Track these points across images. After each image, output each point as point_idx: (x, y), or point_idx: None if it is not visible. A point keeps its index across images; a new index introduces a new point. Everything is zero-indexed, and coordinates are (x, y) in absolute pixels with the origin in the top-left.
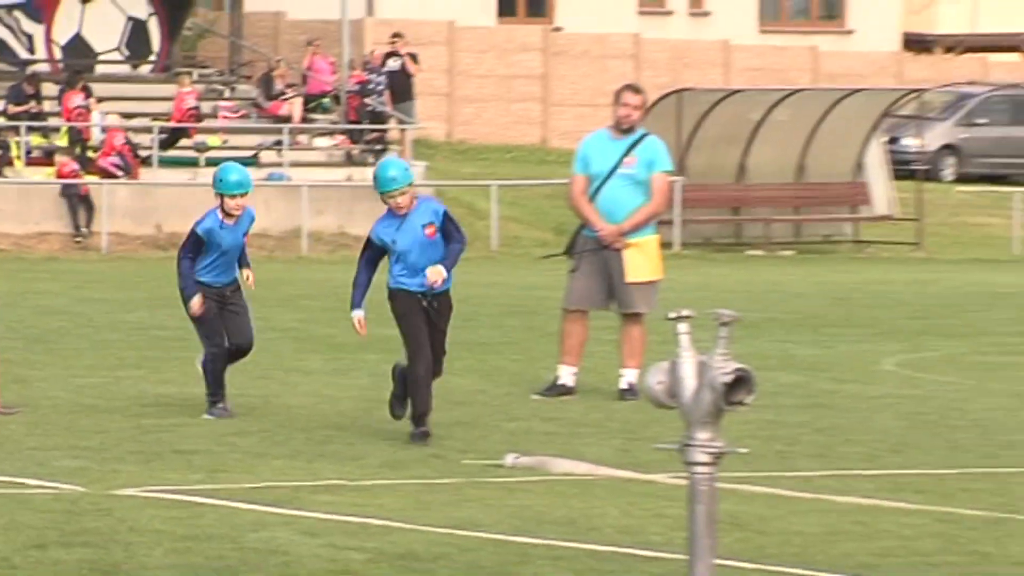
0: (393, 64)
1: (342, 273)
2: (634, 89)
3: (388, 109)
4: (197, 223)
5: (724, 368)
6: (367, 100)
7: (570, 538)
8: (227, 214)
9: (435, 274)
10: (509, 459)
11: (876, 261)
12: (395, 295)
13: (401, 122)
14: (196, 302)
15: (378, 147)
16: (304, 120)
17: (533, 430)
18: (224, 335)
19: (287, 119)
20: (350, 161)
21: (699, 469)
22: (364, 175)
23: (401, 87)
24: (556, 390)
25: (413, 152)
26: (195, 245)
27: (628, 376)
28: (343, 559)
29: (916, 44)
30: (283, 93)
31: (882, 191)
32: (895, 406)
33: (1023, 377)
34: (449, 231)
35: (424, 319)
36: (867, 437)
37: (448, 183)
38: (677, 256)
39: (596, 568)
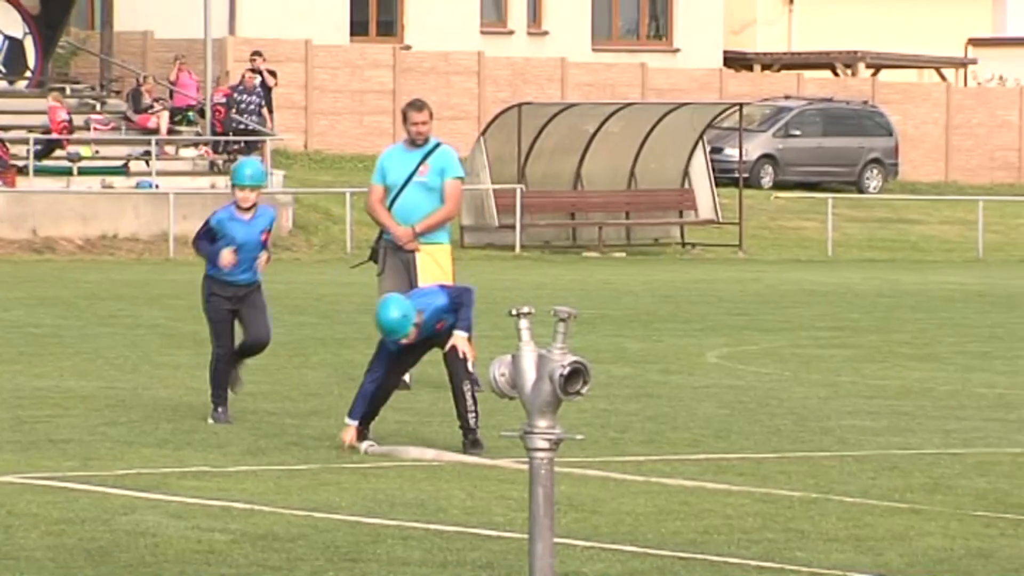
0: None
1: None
2: (417, 107)
3: (266, 128)
4: (213, 213)
5: (562, 361)
6: (238, 117)
7: (419, 519)
8: (239, 207)
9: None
10: (364, 446)
11: (701, 262)
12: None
13: (261, 134)
14: (226, 252)
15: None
16: (170, 132)
17: (385, 419)
18: (232, 339)
19: (155, 131)
20: (214, 170)
21: (539, 454)
22: (227, 183)
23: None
24: None
25: (272, 162)
26: (207, 233)
27: None
28: (208, 540)
29: (736, 61)
30: (151, 107)
31: (706, 197)
32: (718, 395)
33: (836, 368)
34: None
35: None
36: (693, 424)
37: (305, 191)
38: (518, 258)
39: (443, 547)
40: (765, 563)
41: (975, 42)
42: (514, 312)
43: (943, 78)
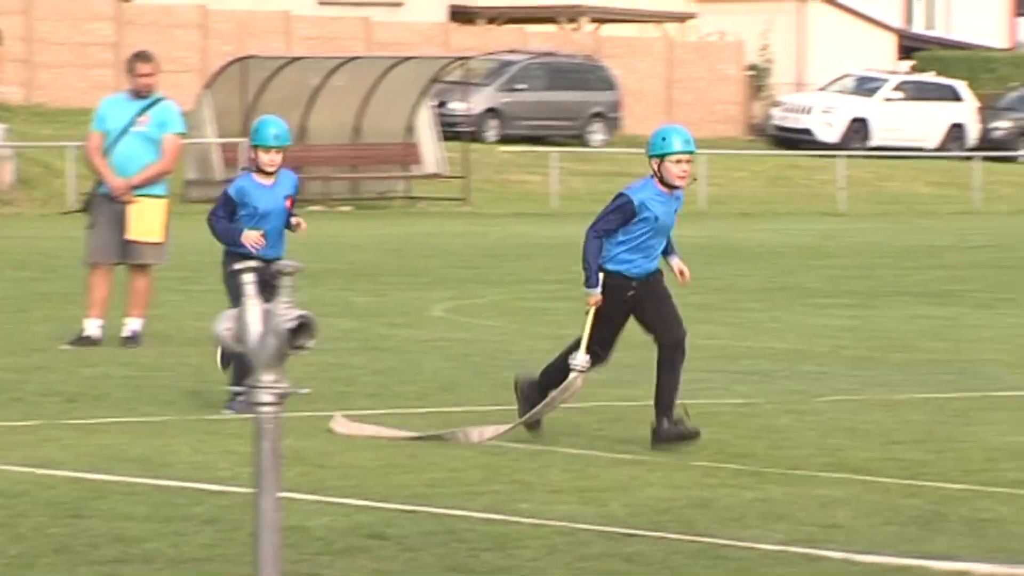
0: None
1: None
2: (144, 58)
3: None
4: (229, 185)
5: (287, 315)
6: None
7: (144, 474)
8: (261, 171)
9: None
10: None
11: (427, 216)
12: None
13: None
14: (250, 234)
15: None
16: None
17: (111, 375)
18: None
19: None
20: None
21: (264, 408)
22: None
23: None
24: (82, 342)
25: None
26: (225, 207)
27: (131, 324)
28: None
29: (461, 15)
30: None
31: (432, 151)
32: (445, 349)
33: (561, 321)
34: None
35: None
36: (420, 378)
37: (27, 144)
38: None
39: (168, 502)
40: (490, 515)
41: None
42: (237, 267)
43: (665, 33)
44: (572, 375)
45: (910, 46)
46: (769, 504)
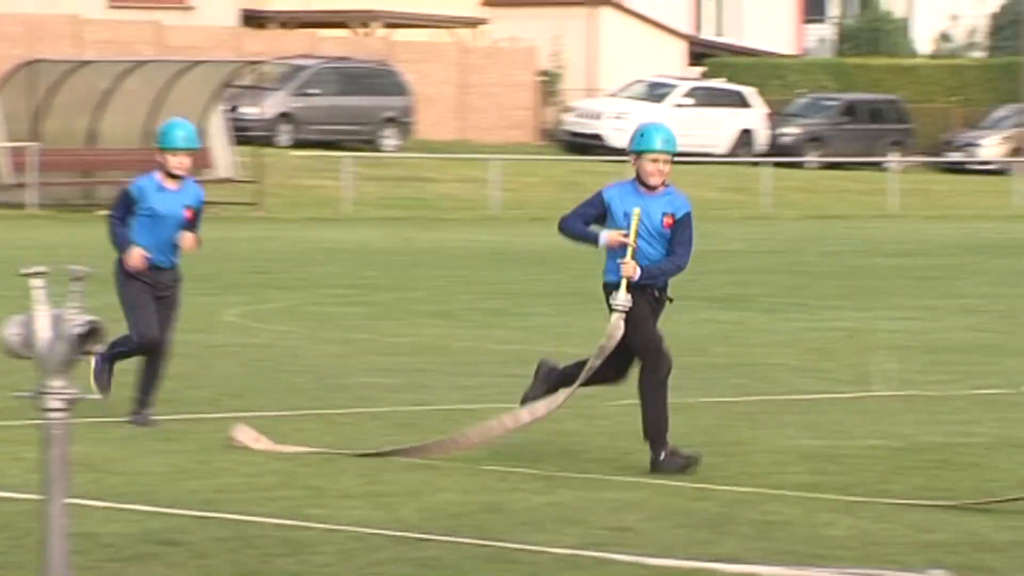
0: None
1: None
2: None
3: None
4: (131, 182)
5: (76, 320)
6: None
7: None
8: (168, 175)
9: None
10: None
11: (218, 220)
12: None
13: None
14: (135, 253)
15: None
16: None
17: None
18: (157, 325)
19: None
20: None
21: (53, 415)
22: None
23: None
24: None
25: None
26: (124, 203)
27: None
28: None
29: (253, 19)
30: None
31: (224, 155)
32: (237, 354)
33: (353, 326)
34: None
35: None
36: (211, 383)
37: None
38: (33, 217)
39: None
40: (283, 520)
41: (489, 2)
42: (25, 272)
43: (457, 38)
44: (614, 316)
45: (700, 52)
46: (561, 508)
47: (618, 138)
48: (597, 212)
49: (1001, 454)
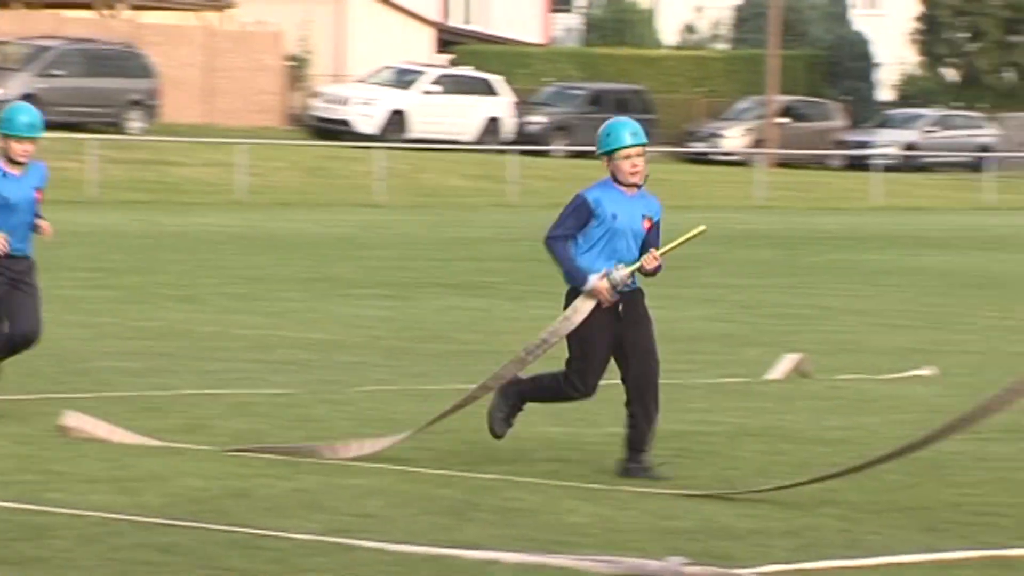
0: None
1: None
2: None
3: None
4: None
5: None
6: None
7: None
8: (12, 161)
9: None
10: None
11: None
12: None
13: None
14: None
15: None
16: None
17: None
18: (8, 320)
19: None
20: None
21: None
22: None
23: None
24: None
25: None
26: None
27: None
28: None
29: None
30: None
31: None
32: None
33: (97, 310)
34: None
35: None
36: None
37: None
38: None
39: None
40: (21, 505)
41: None
42: None
43: (204, 21)
44: (582, 300)
45: (448, 40)
46: (305, 494)
47: (365, 124)
48: (585, 220)
49: (740, 443)
